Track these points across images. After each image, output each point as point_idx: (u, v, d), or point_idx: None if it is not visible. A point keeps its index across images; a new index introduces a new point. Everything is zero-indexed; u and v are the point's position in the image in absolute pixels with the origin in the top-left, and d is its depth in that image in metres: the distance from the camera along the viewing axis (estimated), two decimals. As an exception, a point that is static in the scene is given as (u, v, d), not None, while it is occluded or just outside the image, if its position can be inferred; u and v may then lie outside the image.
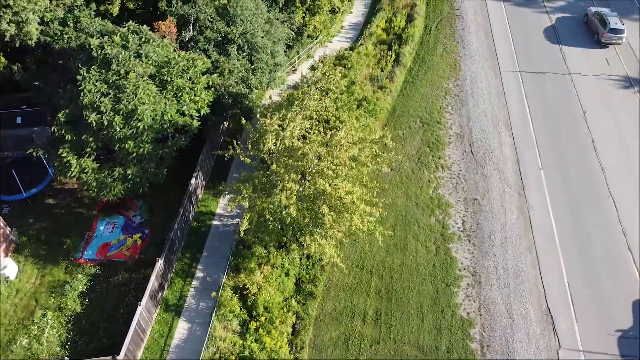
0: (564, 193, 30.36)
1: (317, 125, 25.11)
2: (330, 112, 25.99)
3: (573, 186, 30.66)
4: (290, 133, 22.30)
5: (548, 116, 35.22)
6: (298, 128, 22.96)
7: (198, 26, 31.37)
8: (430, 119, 35.34)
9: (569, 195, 30.19)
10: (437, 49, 41.56)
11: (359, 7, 48.10)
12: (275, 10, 38.57)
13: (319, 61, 28.64)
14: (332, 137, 22.04)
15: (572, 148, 33.01)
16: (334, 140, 21.90)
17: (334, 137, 22.06)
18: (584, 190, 30.45)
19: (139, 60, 27.32)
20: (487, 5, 46.03)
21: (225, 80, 30.34)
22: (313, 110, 24.70)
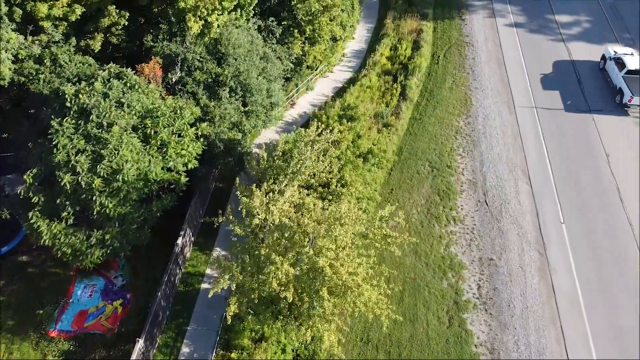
0: (588, 252, 27.77)
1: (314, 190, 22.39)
2: (332, 175, 23.28)
3: (598, 244, 28.07)
4: (279, 211, 19.56)
5: (568, 160, 32.61)
6: (288, 203, 20.25)
7: (186, 66, 28.74)
8: (440, 162, 32.72)
9: (594, 254, 27.62)
10: (446, 80, 38.95)
11: (362, 31, 45.52)
12: (272, 42, 35.97)
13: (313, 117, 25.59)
14: (331, 214, 19.32)
15: (596, 198, 30.41)
16: (332, 217, 19.18)
17: (333, 214, 19.35)
18: (610, 248, 27.87)
19: (121, 110, 24.72)
20: (499, 32, 43.44)
21: (216, 127, 27.72)
22: (310, 175, 21.99)
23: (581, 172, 31.93)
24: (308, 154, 21.91)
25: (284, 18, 36.95)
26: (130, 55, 33.96)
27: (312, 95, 39.08)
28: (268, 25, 35.79)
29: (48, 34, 29.96)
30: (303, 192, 21.47)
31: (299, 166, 21.42)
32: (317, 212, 19.64)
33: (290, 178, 21.38)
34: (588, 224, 29.06)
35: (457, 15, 45.68)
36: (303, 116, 37.24)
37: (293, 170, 21.52)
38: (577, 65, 39.83)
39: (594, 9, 46.04)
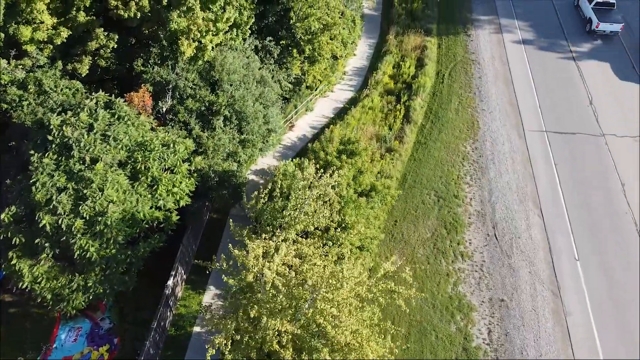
0: (606, 293, 26.10)
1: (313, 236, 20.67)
2: (332, 219, 21.57)
3: (616, 284, 26.40)
4: (272, 272, 17.82)
5: (581, 190, 30.96)
6: (283, 262, 18.56)
7: (178, 94, 27.09)
8: (446, 191, 31.07)
9: (612, 295, 25.95)
10: (452, 101, 37.31)
11: (363, 47, 43.87)
12: (270, 62, 34.33)
13: (311, 152, 23.55)
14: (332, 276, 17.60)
15: (612, 232, 28.76)
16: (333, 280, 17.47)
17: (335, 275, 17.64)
18: (629, 289, 26.19)
19: (106, 144, 23.08)
20: (506, 49, 41.78)
21: (209, 159, 26.07)
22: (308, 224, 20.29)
23: (595, 202, 30.29)
24: (306, 200, 20.22)
25: (283, 37, 35.35)
26: (120, 78, 32.39)
27: (312, 116, 37.46)
28: (265, 46, 34.18)
29: (32, 58, 28.40)
30: (301, 242, 19.76)
31: (297, 214, 19.73)
32: (317, 271, 17.95)
33: (287, 227, 19.69)
34: (604, 261, 27.42)
35: (462, 30, 44.04)
36: (302, 139, 35.62)
37: (291, 217, 19.80)
38: (590, 86, 38.16)
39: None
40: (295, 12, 34.80)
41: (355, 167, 23.41)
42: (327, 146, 24.20)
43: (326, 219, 20.53)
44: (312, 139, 35.39)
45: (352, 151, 24.12)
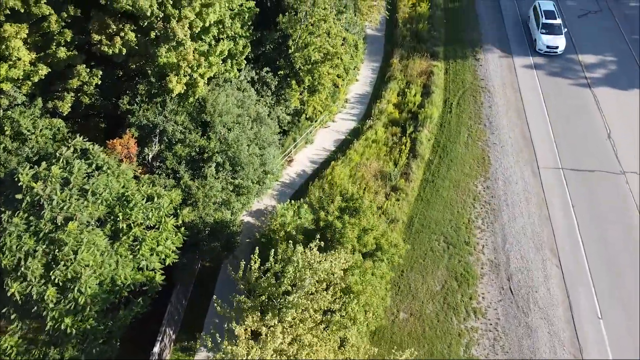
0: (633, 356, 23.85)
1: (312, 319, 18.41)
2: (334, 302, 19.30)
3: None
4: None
5: (602, 236, 28.78)
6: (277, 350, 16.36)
7: (166, 138, 24.92)
8: (456, 237, 28.89)
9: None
10: (461, 134, 35.13)
11: (366, 72, 41.72)
12: (267, 94, 32.16)
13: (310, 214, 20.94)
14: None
15: (637, 284, 26.50)
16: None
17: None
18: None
19: (83, 200, 20.89)
20: (517, 74, 39.59)
21: (200, 211, 23.89)
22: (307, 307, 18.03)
23: (617, 250, 28.07)
24: (306, 283, 17.96)
25: (281, 66, 33.19)
26: (106, 114, 30.28)
27: (312, 149, 35.30)
28: (262, 77, 32.02)
29: (9, 96, 26.27)
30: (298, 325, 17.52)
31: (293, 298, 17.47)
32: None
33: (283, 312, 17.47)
34: (630, 319, 25.19)
35: (470, 54, 41.87)
36: (302, 175, 33.45)
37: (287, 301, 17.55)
38: (607, 116, 35.97)
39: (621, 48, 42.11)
40: (294, 40, 32.64)
41: (358, 227, 21.21)
42: (328, 204, 22.06)
43: (328, 302, 18.30)
44: (312, 175, 33.26)
45: (355, 208, 21.93)
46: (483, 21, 45.28)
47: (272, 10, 36.06)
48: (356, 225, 21.18)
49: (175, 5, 26.38)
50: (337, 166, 32.27)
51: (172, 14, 26.09)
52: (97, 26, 25.97)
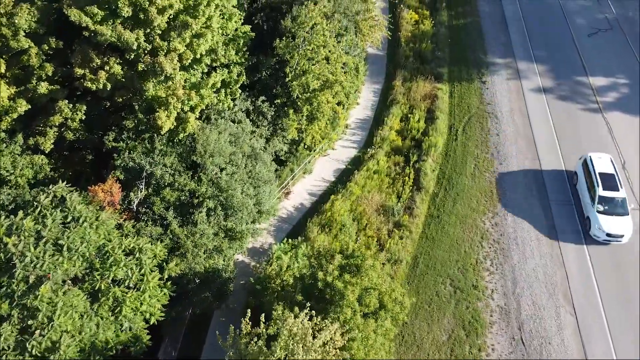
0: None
1: None
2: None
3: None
4: None
5: (619, 280, 27.19)
6: None
7: (154, 181, 23.30)
8: (464, 280, 27.27)
9: None
10: (467, 164, 33.51)
11: (367, 94, 40.12)
12: (263, 124, 30.56)
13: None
14: None
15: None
16: None
17: None
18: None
19: (58, 256, 19.26)
20: (526, 99, 37.97)
21: (189, 262, 22.27)
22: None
23: (636, 294, 26.42)
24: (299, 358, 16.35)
25: (278, 94, 31.60)
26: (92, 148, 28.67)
27: (311, 180, 33.71)
28: (258, 107, 30.41)
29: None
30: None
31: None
32: None
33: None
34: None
35: (476, 76, 40.25)
36: (299, 209, 31.86)
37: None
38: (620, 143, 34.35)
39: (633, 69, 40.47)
40: (292, 67, 31.07)
41: (360, 286, 19.60)
42: (327, 262, 20.42)
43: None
44: (311, 209, 31.68)
45: (356, 266, 20.33)
46: (489, 40, 43.61)
47: (269, 34, 34.53)
48: (357, 284, 19.56)
49: (164, 37, 24.84)
50: (337, 200, 30.67)
51: (160, 47, 24.54)
52: (80, 59, 24.40)
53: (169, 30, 24.79)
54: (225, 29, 29.57)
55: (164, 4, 24.01)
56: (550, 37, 43.29)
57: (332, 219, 29.59)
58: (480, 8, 47.31)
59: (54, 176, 25.85)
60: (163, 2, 23.89)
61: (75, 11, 22.75)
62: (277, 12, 34.85)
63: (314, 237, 28.58)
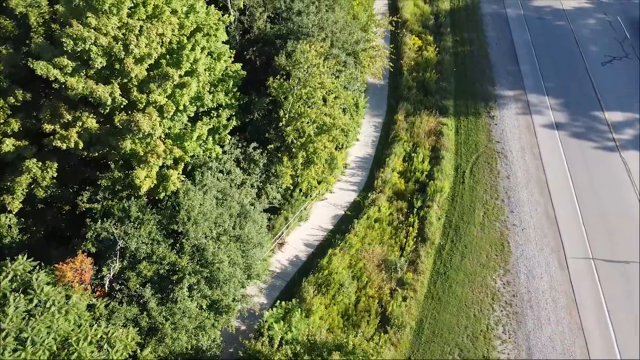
0: None
1: None
2: None
3: None
4: None
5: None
6: None
7: (129, 253, 21.05)
8: (473, 350, 25.05)
9: None
10: (475, 211, 31.28)
11: (368, 129, 37.93)
12: (254, 172, 28.33)
13: None
14: None
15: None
16: None
17: None
18: None
19: (21, 351, 17.10)
20: (537, 137, 35.76)
21: (168, 346, 20.01)
22: None
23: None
24: None
25: (271, 139, 29.37)
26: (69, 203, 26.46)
27: (307, 228, 31.49)
28: (249, 154, 28.19)
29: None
30: None
31: None
32: None
33: None
34: None
35: (483, 109, 38.06)
36: (295, 263, 29.64)
37: None
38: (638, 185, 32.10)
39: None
40: (286, 110, 28.85)
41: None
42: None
43: None
44: (307, 262, 29.51)
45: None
46: (497, 69, 41.42)
47: (262, 69, 32.40)
48: None
49: (142, 89, 22.63)
50: (335, 256, 28.44)
51: (138, 100, 22.34)
52: (49, 115, 22.23)
53: (149, 81, 22.61)
54: (213, 71, 27.43)
55: (142, 53, 21.85)
56: (561, 66, 41.13)
57: (330, 277, 27.36)
58: (487, 33, 45.17)
59: (22, 240, 23.68)
60: (141, 51, 21.73)
61: (42, 64, 20.57)
62: (270, 46, 32.75)
63: (309, 299, 26.38)
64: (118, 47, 21.26)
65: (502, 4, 48.48)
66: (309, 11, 31.54)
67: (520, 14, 47.02)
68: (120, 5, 20.96)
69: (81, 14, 21.12)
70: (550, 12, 47.02)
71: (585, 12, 47.00)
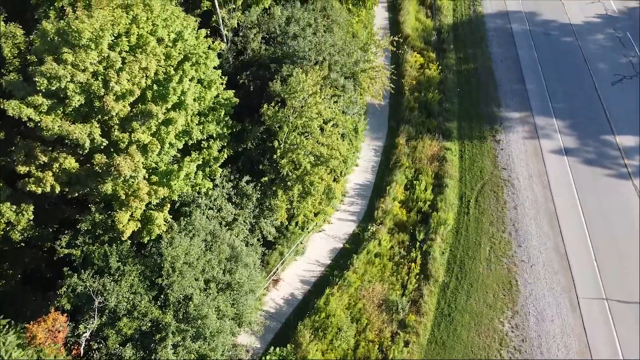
0: None
1: None
2: None
3: None
4: None
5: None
6: None
7: (109, 309, 19.49)
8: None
9: None
10: (481, 245, 29.79)
11: (368, 153, 36.39)
12: (248, 206, 26.81)
13: None
14: None
15: None
16: None
17: None
18: None
19: None
20: (545, 163, 34.22)
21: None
22: None
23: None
24: None
25: (265, 170, 27.86)
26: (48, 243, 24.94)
27: (303, 263, 29.97)
28: (241, 189, 26.67)
29: None
30: None
31: None
32: None
33: None
34: None
35: (488, 133, 36.55)
36: (290, 302, 28.12)
37: None
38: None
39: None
40: (281, 140, 27.33)
41: None
42: None
43: None
44: (303, 301, 28.01)
45: None
46: (503, 89, 39.87)
47: (257, 94, 30.91)
48: None
49: (124, 128, 21.11)
50: (333, 296, 26.90)
51: (119, 139, 20.80)
52: (23, 156, 20.69)
53: (132, 119, 21.09)
54: (203, 100, 25.93)
55: (124, 90, 20.32)
56: (570, 86, 39.60)
57: (327, 321, 25.82)
58: (492, 50, 43.67)
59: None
60: (122, 88, 20.20)
61: (14, 104, 19.07)
62: (265, 70, 31.24)
63: (305, 344, 24.88)
64: (97, 84, 19.76)
65: (507, 19, 46.98)
66: (305, 35, 30.00)
67: (526, 28, 45.49)
68: (99, 40, 19.43)
69: (57, 49, 19.61)
70: (557, 27, 45.50)
71: (594, 27, 45.46)
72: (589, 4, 48.15)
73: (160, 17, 22.68)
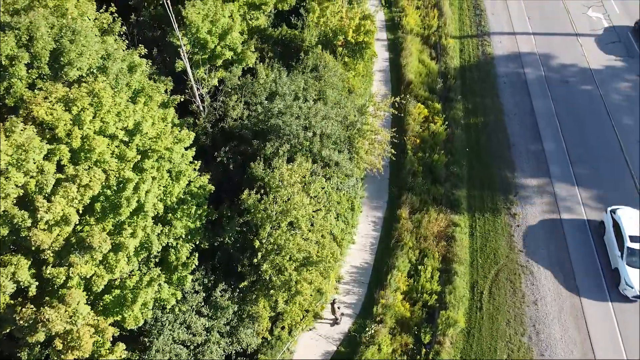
0: None
1: None
2: None
3: None
4: None
5: None
6: None
7: None
8: None
9: None
10: (497, 353, 25.96)
11: (366, 227, 32.41)
12: (224, 316, 22.83)
13: None
14: None
15: None
16: None
17: None
18: None
19: None
20: (567, 243, 30.13)
21: None
22: None
23: None
24: None
25: (245, 273, 23.89)
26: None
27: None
28: (215, 301, 22.69)
29: None
30: None
31: None
32: None
33: None
34: None
35: (502, 204, 32.61)
36: None
37: None
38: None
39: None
40: (263, 240, 23.38)
41: None
42: None
43: None
44: None
45: None
46: (517, 148, 35.90)
47: (237, 173, 27.11)
48: None
49: (61, 260, 17.10)
50: None
51: (55, 276, 16.82)
52: None
53: (69, 250, 17.10)
54: (170, 196, 22.05)
55: (57, 218, 16.34)
56: (592, 144, 35.63)
57: None
58: (504, 99, 39.72)
59: None
60: (55, 216, 16.22)
61: None
62: (247, 144, 27.35)
63: None
64: (21, 215, 15.79)
65: (519, 62, 43.01)
66: (293, 111, 26.02)
67: (541, 75, 41.51)
68: (22, 163, 15.47)
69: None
70: (576, 73, 41.52)
71: (615, 72, 41.49)
72: (608, 44, 44.21)
73: (111, 113, 18.76)
